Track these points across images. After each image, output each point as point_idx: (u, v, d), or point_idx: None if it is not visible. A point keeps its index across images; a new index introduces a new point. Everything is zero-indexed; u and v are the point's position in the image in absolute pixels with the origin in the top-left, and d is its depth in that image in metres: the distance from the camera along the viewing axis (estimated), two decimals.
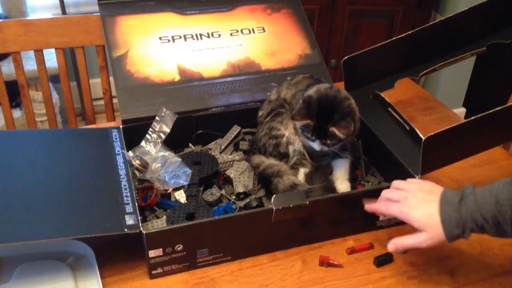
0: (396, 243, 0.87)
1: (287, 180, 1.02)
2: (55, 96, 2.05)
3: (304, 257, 0.96)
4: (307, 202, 0.92)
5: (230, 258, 0.94)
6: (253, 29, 1.34)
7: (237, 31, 1.33)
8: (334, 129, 0.99)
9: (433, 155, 0.98)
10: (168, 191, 1.04)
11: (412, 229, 1.01)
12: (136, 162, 1.03)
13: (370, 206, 0.94)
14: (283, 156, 1.09)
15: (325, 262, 0.94)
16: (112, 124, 1.29)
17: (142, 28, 1.27)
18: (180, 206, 0.99)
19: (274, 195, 0.93)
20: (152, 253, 0.87)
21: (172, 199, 1.04)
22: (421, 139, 0.94)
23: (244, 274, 0.92)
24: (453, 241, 0.82)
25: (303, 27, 1.36)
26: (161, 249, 0.88)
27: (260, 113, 1.15)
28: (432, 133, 0.92)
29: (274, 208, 0.91)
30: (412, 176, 0.99)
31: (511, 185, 0.79)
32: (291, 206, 0.92)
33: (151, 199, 1.00)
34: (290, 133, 1.08)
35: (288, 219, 0.93)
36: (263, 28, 1.35)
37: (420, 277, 0.92)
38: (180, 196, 1.04)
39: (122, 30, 1.26)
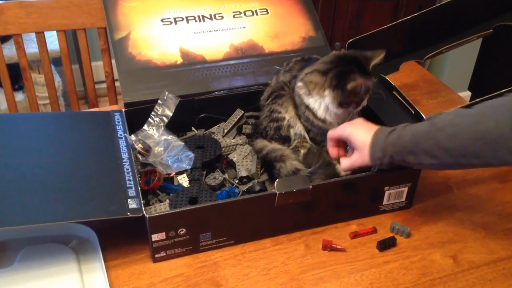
0: (341, 168, 0.98)
1: (290, 166, 1.02)
2: (57, 79, 2.04)
3: (307, 241, 0.96)
4: (310, 186, 0.92)
5: (233, 242, 0.94)
6: (256, 11, 1.32)
7: (240, 13, 1.31)
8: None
9: None
10: (171, 175, 1.04)
11: (415, 213, 1.01)
12: (139, 146, 1.02)
13: (328, 146, 1.00)
14: (285, 140, 1.08)
15: (328, 246, 0.94)
16: (114, 107, 1.29)
17: (144, 10, 1.26)
18: (183, 190, 0.99)
19: (277, 180, 0.92)
20: (155, 237, 0.87)
21: (175, 183, 1.04)
22: None
23: (247, 258, 0.92)
24: (375, 165, 0.91)
25: (306, 9, 1.34)
26: (164, 233, 0.88)
27: (262, 96, 1.14)
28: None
29: (277, 192, 0.90)
30: None
31: (430, 120, 0.84)
32: (294, 190, 0.91)
33: (154, 183, 1.00)
34: (290, 116, 1.07)
35: (291, 204, 0.93)
36: (266, 10, 1.33)
37: (423, 262, 0.92)
38: (183, 180, 1.04)
39: (124, 12, 1.24)
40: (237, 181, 1.05)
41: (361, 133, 0.92)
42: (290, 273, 0.90)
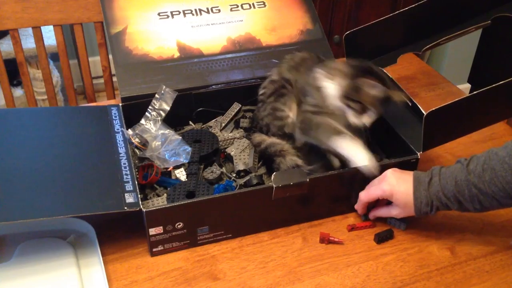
0: (371, 214, 0.97)
1: (290, 161, 1.02)
2: (56, 75, 2.03)
3: (305, 234, 0.96)
4: (307, 180, 0.92)
5: (230, 236, 0.95)
6: (253, 4, 1.32)
7: (237, 6, 1.30)
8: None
9: (435, 131, 0.97)
10: (169, 169, 1.04)
11: None
12: (136, 140, 1.02)
13: (357, 205, 0.98)
14: (289, 138, 1.07)
15: (325, 239, 0.94)
16: (112, 102, 1.28)
17: (141, 4, 1.25)
18: (181, 184, 0.99)
19: (274, 173, 0.92)
20: (152, 231, 0.87)
21: (173, 177, 1.04)
22: (423, 114, 0.93)
23: (244, 251, 0.93)
24: (420, 216, 0.91)
25: (304, 2, 1.34)
26: (161, 227, 0.88)
27: (261, 91, 1.13)
28: (433, 108, 0.91)
29: (274, 185, 0.90)
30: (414, 153, 0.98)
31: (466, 168, 0.85)
32: (291, 183, 0.91)
33: (152, 177, 1.00)
34: (294, 114, 1.06)
35: (288, 197, 0.93)
36: (264, 3, 1.32)
37: (420, 254, 0.92)
38: (181, 174, 1.04)
39: (120, 6, 1.24)
40: (234, 175, 1.05)
41: (401, 188, 0.90)
42: (287, 266, 0.90)
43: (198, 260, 0.91)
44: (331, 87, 1.00)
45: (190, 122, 1.19)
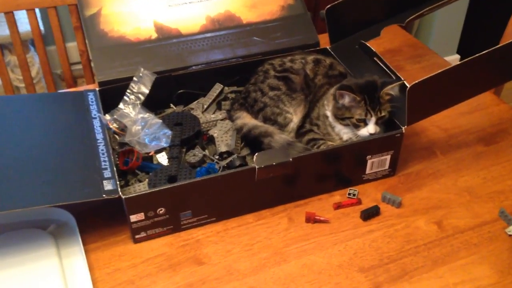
0: None
1: (281, 139, 1.00)
2: (37, 61, 1.99)
3: (290, 214, 0.94)
4: (291, 159, 0.90)
5: (215, 219, 0.93)
6: None
7: None
8: (388, 89, 0.95)
9: (419, 104, 0.95)
10: (150, 154, 1.02)
11: (399, 181, 1.00)
12: (114, 126, 0.99)
13: None
14: (280, 126, 1.05)
15: (311, 219, 0.93)
16: (90, 87, 1.25)
17: None
18: (162, 168, 0.97)
19: (256, 154, 0.90)
20: (133, 218, 0.86)
21: (154, 162, 1.02)
22: (407, 87, 0.91)
23: (229, 235, 0.91)
24: None
25: None
26: (142, 213, 0.86)
27: (267, 66, 1.09)
28: (416, 81, 0.89)
29: (256, 166, 0.88)
30: (399, 127, 0.96)
31: None
32: (274, 164, 0.89)
33: (132, 163, 0.98)
34: (297, 120, 1.04)
35: (272, 177, 0.91)
36: None
37: (407, 229, 0.91)
38: (162, 159, 1.01)
39: None
40: (217, 157, 1.02)
41: None
42: (273, 247, 0.89)
43: (182, 245, 0.89)
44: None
45: (171, 105, 1.16)
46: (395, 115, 0.98)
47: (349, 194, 0.97)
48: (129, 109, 1.06)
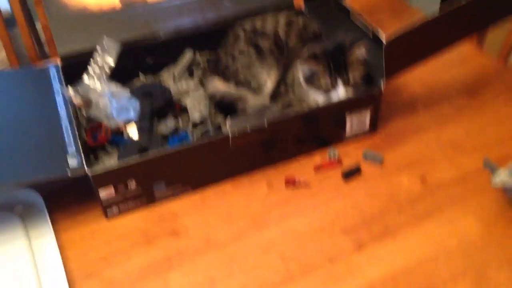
0: None
1: (255, 103, 0.96)
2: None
3: (269, 179, 0.91)
4: (266, 124, 0.86)
5: (191, 189, 0.89)
6: None
7: None
8: (354, 52, 0.90)
9: (397, 59, 0.91)
10: (120, 128, 0.97)
11: (380, 139, 0.96)
12: (77, 100, 0.94)
13: None
14: (253, 91, 1.00)
15: (291, 182, 0.89)
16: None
17: None
18: (133, 141, 0.92)
19: (228, 120, 0.86)
20: (103, 193, 0.81)
21: (126, 135, 0.97)
22: (383, 43, 0.86)
23: (207, 204, 0.87)
24: None
25: None
26: (112, 188, 0.82)
27: (237, 29, 1.04)
28: (393, 37, 0.85)
29: (230, 134, 0.84)
30: (377, 84, 0.92)
31: None
32: (249, 130, 0.85)
33: (101, 138, 0.93)
34: (272, 85, 0.99)
35: (248, 143, 0.87)
36: None
37: (390, 187, 0.88)
38: (134, 132, 0.97)
39: None
40: (191, 127, 0.98)
41: None
42: (253, 214, 0.85)
43: (158, 218, 0.85)
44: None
45: (140, 75, 1.11)
46: (373, 71, 0.93)
47: (330, 155, 0.94)
48: (94, 82, 1.01)
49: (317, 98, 0.94)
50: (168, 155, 0.83)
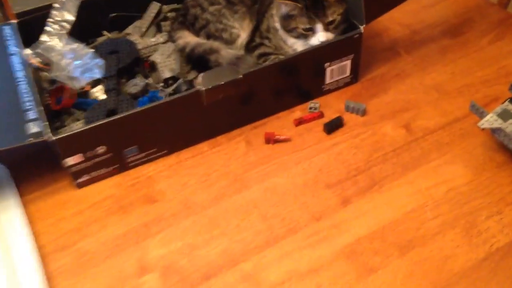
0: None
1: (228, 54, 0.89)
2: None
3: (248, 137, 0.86)
4: (241, 76, 0.80)
5: (166, 152, 0.84)
6: None
7: None
8: None
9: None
10: (85, 89, 0.91)
11: (362, 87, 0.92)
12: (36, 61, 0.87)
13: None
14: (226, 42, 0.94)
15: (271, 139, 0.85)
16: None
17: None
18: (100, 103, 0.86)
19: (200, 74, 0.80)
20: (70, 161, 0.76)
21: (92, 97, 0.91)
22: None
23: (184, 166, 0.83)
24: None
25: None
26: (80, 155, 0.76)
27: None
28: None
29: (203, 88, 0.78)
30: (357, 27, 0.86)
31: None
32: (223, 83, 0.79)
33: (65, 101, 0.87)
34: (245, 35, 0.93)
35: (223, 99, 0.81)
36: None
37: (374, 137, 0.84)
38: (100, 93, 0.91)
39: None
40: (162, 84, 0.92)
41: None
42: (232, 174, 0.81)
43: (132, 184, 0.81)
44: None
45: (105, 32, 1.03)
46: (351, 15, 0.87)
47: (310, 108, 0.89)
48: (54, 41, 0.93)
49: (295, 45, 0.88)
50: (138, 116, 0.78)
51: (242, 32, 0.93)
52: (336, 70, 0.89)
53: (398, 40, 1.00)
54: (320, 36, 0.84)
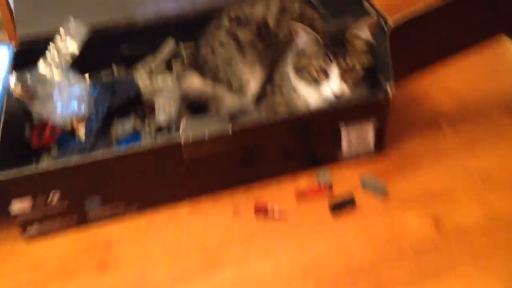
0: None
1: (231, 104, 0.77)
2: None
3: (238, 201, 0.71)
4: (230, 132, 0.66)
5: (135, 209, 0.71)
6: None
7: None
8: (355, 29, 0.69)
9: (410, 52, 0.69)
10: (73, 126, 0.80)
11: (386, 162, 0.75)
12: (18, 90, 0.78)
13: None
14: (235, 92, 0.82)
15: (262, 210, 0.69)
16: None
17: None
18: (76, 143, 0.76)
19: (183, 119, 0.68)
20: (17, 206, 0.64)
21: (79, 135, 0.81)
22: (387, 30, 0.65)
23: (153, 230, 0.69)
24: None
25: None
26: (30, 199, 0.64)
27: (222, 15, 0.85)
28: (403, 20, 0.63)
29: (182, 140, 0.65)
30: (383, 88, 0.70)
31: None
32: (206, 138, 0.66)
33: (45, 138, 0.77)
34: (256, 85, 0.80)
35: (209, 154, 0.68)
36: None
37: (391, 227, 0.66)
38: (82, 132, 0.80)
39: None
40: (154, 131, 0.80)
41: None
42: (208, 248, 0.66)
43: (86, 245, 0.68)
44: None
45: (113, 67, 0.94)
46: (378, 70, 0.72)
47: (319, 178, 0.73)
48: (49, 70, 0.85)
49: (306, 95, 0.73)
50: (106, 161, 0.65)
51: (252, 80, 0.81)
52: (354, 135, 0.73)
53: (442, 111, 0.84)
54: (334, 84, 0.69)
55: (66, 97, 0.80)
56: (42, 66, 0.85)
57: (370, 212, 0.68)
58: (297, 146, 0.72)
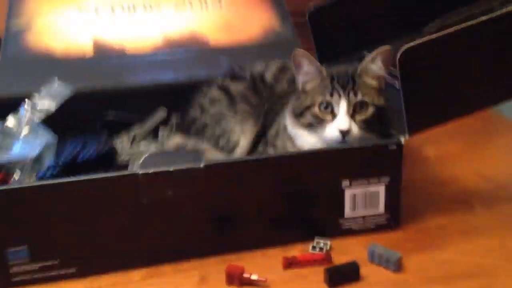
0: None
1: (215, 155, 0.68)
2: None
3: (207, 269, 0.55)
4: (202, 165, 0.53)
5: (73, 272, 0.55)
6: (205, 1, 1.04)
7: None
8: (367, 62, 0.61)
9: (427, 100, 0.58)
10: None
11: (403, 236, 0.59)
12: None
13: None
14: (222, 150, 0.72)
15: (235, 278, 0.52)
16: None
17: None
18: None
19: (146, 154, 0.56)
20: None
21: None
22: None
23: None
24: None
25: None
26: None
27: (213, 80, 0.77)
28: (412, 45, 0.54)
29: (139, 171, 0.52)
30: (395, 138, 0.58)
31: None
32: (172, 169, 0.53)
33: None
34: (247, 143, 0.71)
35: (177, 202, 0.54)
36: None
37: None
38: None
39: None
40: None
41: None
42: None
43: None
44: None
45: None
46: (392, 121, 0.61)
47: (314, 248, 0.57)
48: (16, 124, 0.77)
49: (306, 145, 0.61)
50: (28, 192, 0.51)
51: (243, 138, 0.69)
52: (361, 197, 0.58)
53: (473, 193, 0.69)
54: (341, 120, 0.57)
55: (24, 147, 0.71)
56: (11, 120, 0.78)
57: (379, 286, 0.51)
58: (283, 208, 0.58)
